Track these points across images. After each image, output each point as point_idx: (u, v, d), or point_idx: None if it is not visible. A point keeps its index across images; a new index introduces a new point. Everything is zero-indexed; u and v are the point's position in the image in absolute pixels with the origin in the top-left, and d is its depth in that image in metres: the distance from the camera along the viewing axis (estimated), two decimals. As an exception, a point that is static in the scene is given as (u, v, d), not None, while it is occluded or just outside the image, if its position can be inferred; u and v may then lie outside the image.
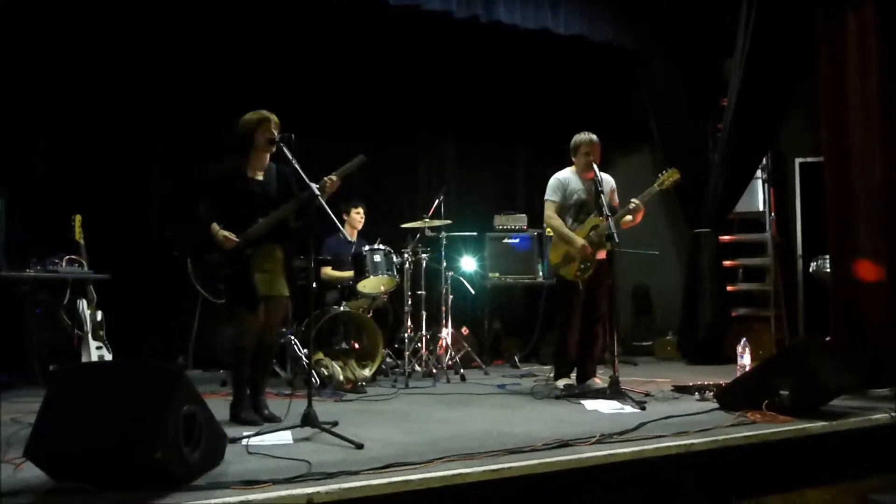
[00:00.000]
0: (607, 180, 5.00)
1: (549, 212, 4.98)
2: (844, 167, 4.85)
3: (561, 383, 4.95)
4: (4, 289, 5.11)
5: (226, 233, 3.76)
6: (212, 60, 6.26)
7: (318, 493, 2.44)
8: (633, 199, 4.77)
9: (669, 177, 4.85)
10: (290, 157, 3.61)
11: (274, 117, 3.87)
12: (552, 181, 5.03)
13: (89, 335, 5.20)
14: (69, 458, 2.45)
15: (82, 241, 5.31)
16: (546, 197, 5.03)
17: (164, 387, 2.54)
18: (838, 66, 4.87)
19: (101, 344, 5.25)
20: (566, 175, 5.01)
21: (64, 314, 5.27)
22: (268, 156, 3.93)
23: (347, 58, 6.76)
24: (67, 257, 5.25)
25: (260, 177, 3.93)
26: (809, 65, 5.40)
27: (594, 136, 4.92)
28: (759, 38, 6.15)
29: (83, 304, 5.23)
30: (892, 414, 3.86)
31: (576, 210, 4.92)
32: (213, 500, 2.32)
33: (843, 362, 4.18)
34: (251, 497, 2.36)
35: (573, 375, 5.02)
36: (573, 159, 4.99)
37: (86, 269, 5.28)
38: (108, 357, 5.21)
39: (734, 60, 6.50)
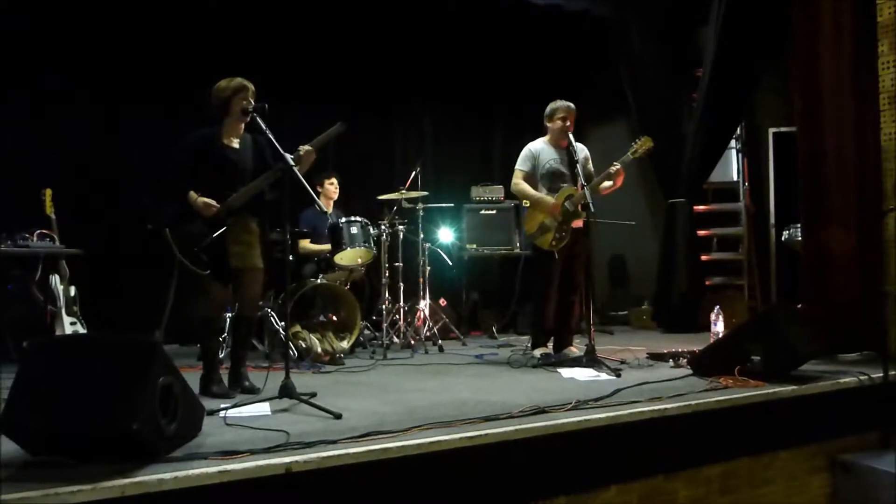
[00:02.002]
0: (580, 148, 5.01)
1: (516, 179, 5.01)
2: (816, 135, 4.89)
3: (538, 353, 4.99)
4: (-26, 265, 5.04)
5: (206, 199, 3.71)
6: (185, 28, 6.15)
7: (296, 462, 2.45)
8: (614, 164, 4.77)
9: (643, 145, 4.86)
10: (265, 128, 3.56)
11: (251, 85, 3.81)
12: (524, 151, 5.06)
13: (63, 311, 5.14)
14: (44, 431, 2.43)
15: (53, 216, 5.23)
16: (516, 166, 5.05)
17: (141, 359, 2.51)
18: (812, 33, 4.89)
19: (74, 319, 5.19)
20: (538, 146, 5.03)
21: (36, 290, 5.20)
22: (242, 125, 3.88)
23: (323, 28, 6.67)
24: (38, 232, 5.17)
25: (235, 145, 3.88)
26: (784, 34, 5.42)
27: (570, 103, 4.93)
28: (733, 6, 6.15)
29: (56, 280, 5.16)
30: (861, 377, 3.94)
31: (549, 179, 4.95)
32: (191, 471, 2.32)
33: (813, 328, 4.26)
34: (229, 467, 2.36)
35: (550, 345, 5.07)
36: (548, 125, 4.99)
37: (57, 243, 5.21)
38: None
39: (709, 29, 6.50)
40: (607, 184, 4.81)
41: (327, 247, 5.73)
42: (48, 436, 2.44)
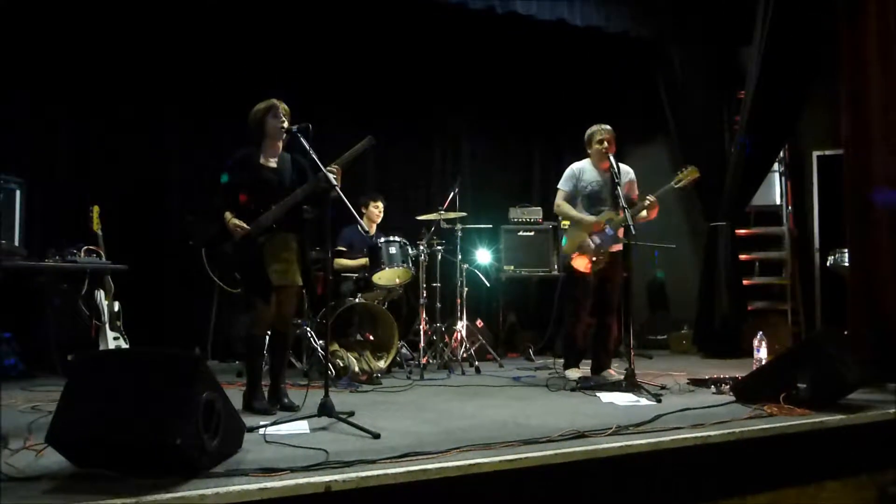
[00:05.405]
0: (626, 171, 4.98)
1: (559, 199, 5.04)
2: (864, 158, 4.79)
3: (575, 375, 4.95)
4: (24, 278, 5.16)
5: (237, 221, 3.78)
6: (229, 50, 6.28)
7: (335, 480, 2.45)
8: (648, 196, 4.77)
9: (688, 175, 4.84)
10: (308, 147, 3.61)
11: (282, 104, 3.89)
12: (567, 170, 5.07)
13: (107, 325, 5.23)
14: (90, 443, 2.47)
15: (100, 232, 5.35)
16: (559, 185, 5.08)
17: (184, 374, 2.55)
18: (860, 52, 4.81)
19: (118, 334, 5.28)
20: (582, 165, 5.03)
21: (82, 304, 5.30)
22: (280, 144, 3.95)
23: (363, 48, 6.76)
24: (85, 247, 5.27)
25: (273, 164, 3.94)
26: (828, 54, 5.35)
27: (607, 126, 4.93)
28: (777, 26, 6.08)
29: (101, 295, 5.27)
30: (912, 407, 3.82)
31: (590, 201, 4.94)
32: (232, 488, 2.34)
33: (861, 355, 4.15)
34: (270, 484, 2.38)
35: (587, 368, 5.02)
36: (588, 151, 5.01)
37: (104, 259, 5.32)
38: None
39: (752, 50, 6.44)
40: (642, 214, 4.80)
41: (363, 261, 5.77)
42: (93, 448, 2.48)
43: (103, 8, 5.80)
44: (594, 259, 4.82)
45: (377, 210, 6.08)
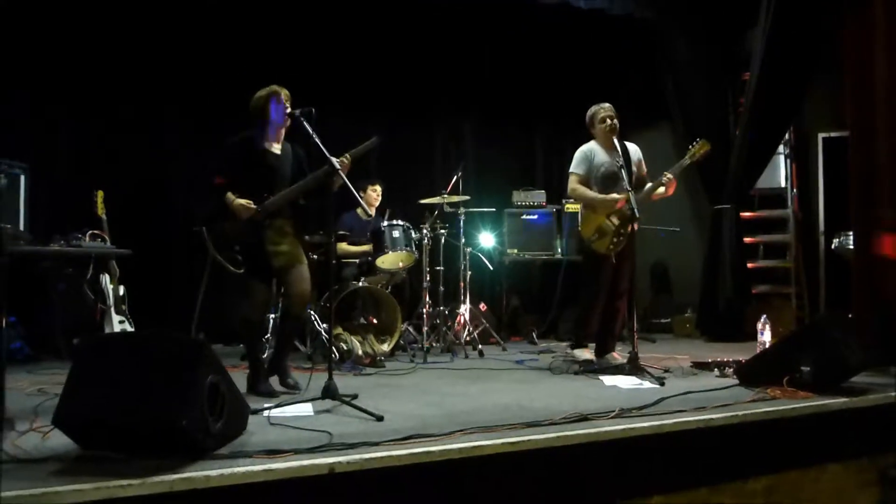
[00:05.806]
0: (634, 150, 4.91)
1: (573, 184, 4.88)
2: (870, 142, 4.77)
3: (585, 355, 4.93)
4: (29, 263, 5.18)
5: (243, 201, 3.78)
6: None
7: (339, 462, 2.47)
8: (665, 173, 4.69)
9: (700, 149, 4.74)
10: (311, 132, 3.60)
11: (284, 90, 3.88)
12: (578, 153, 4.93)
13: (112, 309, 5.26)
14: (96, 426, 2.49)
15: (104, 216, 5.36)
16: (571, 169, 4.93)
17: (189, 357, 2.56)
18: (865, 36, 4.77)
19: (123, 318, 5.31)
20: (592, 147, 4.91)
21: (87, 288, 5.33)
22: (283, 130, 3.94)
23: (365, 33, 6.73)
24: (90, 232, 5.30)
25: (276, 150, 3.95)
26: (833, 36, 5.30)
27: (606, 104, 4.85)
28: (782, 8, 6.03)
29: (106, 279, 5.29)
30: (915, 390, 3.83)
31: (604, 182, 4.82)
32: (236, 469, 2.35)
33: (864, 339, 4.15)
34: (274, 466, 2.39)
35: (591, 352, 5.02)
36: (591, 132, 4.92)
37: (108, 243, 5.33)
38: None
39: (757, 31, 6.38)
40: (660, 191, 4.72)
41: (365, 248, 5.78)
42: (99, 430, 2.50)
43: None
44: (615, 240, 4.74)
45: (375, 194, 6.09)
